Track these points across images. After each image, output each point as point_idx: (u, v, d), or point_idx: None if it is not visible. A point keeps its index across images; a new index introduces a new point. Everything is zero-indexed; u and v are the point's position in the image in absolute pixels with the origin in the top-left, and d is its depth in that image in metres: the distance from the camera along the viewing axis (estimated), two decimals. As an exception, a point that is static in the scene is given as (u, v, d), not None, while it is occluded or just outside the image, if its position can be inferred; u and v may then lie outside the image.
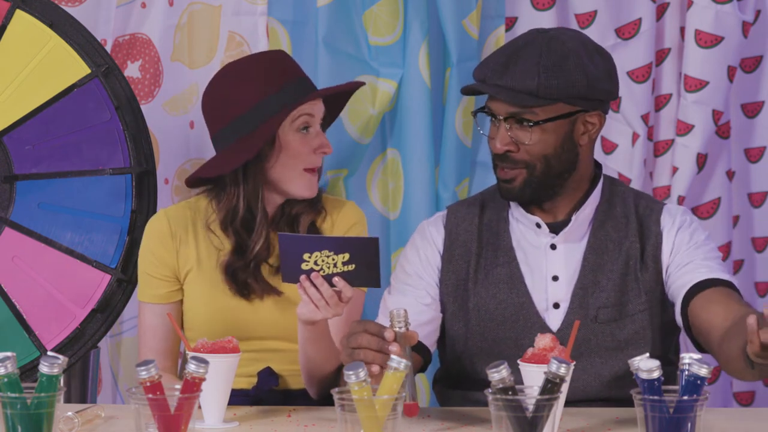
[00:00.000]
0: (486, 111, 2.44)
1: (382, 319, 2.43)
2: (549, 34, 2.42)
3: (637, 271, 2.45)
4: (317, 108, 2.64)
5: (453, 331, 2.50)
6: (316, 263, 2.27)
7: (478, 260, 2.49)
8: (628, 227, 2.47)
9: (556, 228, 2.47)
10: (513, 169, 2.41)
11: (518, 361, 2.15)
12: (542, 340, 2.15)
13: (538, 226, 2.46)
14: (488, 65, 2.41)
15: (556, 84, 2.37)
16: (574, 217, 2.45)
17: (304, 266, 2.27)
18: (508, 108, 2.38)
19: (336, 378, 2.54)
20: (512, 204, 2.50)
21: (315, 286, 2.28)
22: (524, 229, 2.48)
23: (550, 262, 2.46)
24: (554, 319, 2.44)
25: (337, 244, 2.27)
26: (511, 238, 2.49)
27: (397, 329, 2.12)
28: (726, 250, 3.37)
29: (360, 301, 2.66)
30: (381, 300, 2.54)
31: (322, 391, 2.56)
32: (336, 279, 2.27)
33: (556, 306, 2.44)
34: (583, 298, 2.43)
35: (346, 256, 2.26)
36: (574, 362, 2.01)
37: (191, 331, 2.64)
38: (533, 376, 2.10)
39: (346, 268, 2.27)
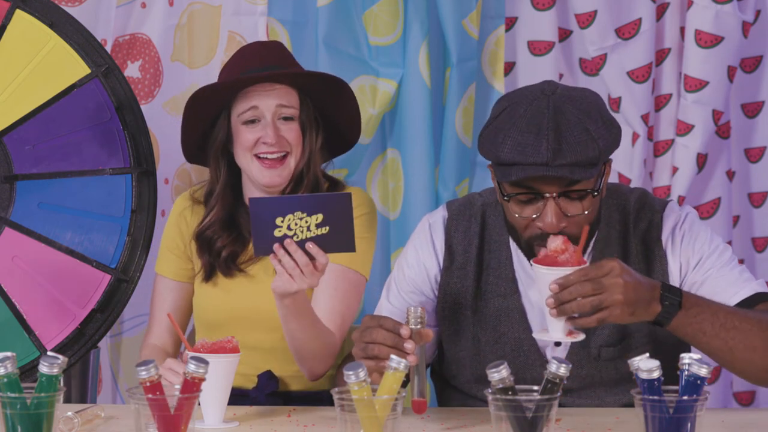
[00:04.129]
0: (524, 193, 2.23)
1: None
2: (560, 96, 2.24)
3: None
4: (265, 102, 2.61)
5: (450, 353, 2.43)
6: (289, 228, 2.23)
7: (477, 285, 2.40)
8: (629, 253, 2.36)
9: None
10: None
11: (531, 262, 2.17)
12: (554, 242, 2.15)
13: None
14: (538, 147, 2.18)
15: (609, 144, 2.23)
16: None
17: (276, 232, 2.23)
18: (562, 184, 2.21)
19: (327, 356, 2.52)
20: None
21: (289, 254, 2.25)
22: (526, 263, 2.36)
23: None
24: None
25: (310, 204, 2.22)
26: (514, 269, 2.38)
27: (413, 327, 2.11)
28: (726, 250, 3.37)
29: (356, 283, 2.63)
30: (377, 306, 2.51)
31: (316, 371, 2.55)
32: (309, 245, 2.24)
33: (558, 344, 2.35)
34: (584, 338, 2.29)
35: (320, 217, 2.22)
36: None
37: (196, 319, 2.70)
38: (544, 278, 2.11)
39: (319, 231, 2.23)
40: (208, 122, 2.70)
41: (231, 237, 2.66)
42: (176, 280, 2.74)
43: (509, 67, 3.39)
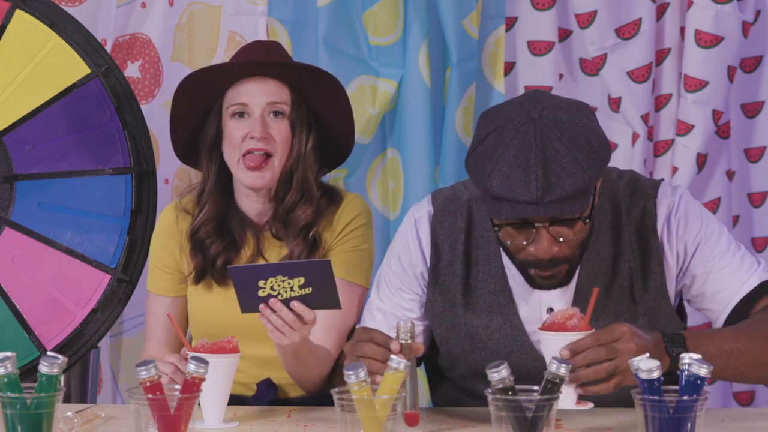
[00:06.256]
0: (514, 225, 2.20)
1: (368, 321, 2.41)
2: (546, 120, 2.18)
3: (635, 293, 2.33)
4: (256, 98, 2.57)
5: (443, 349, 2.43)
6: (272, 288, 2.24)
7: (467, 283, 2.38)
8: (621, 243, 2.34)
9: None
10: (556, 268, 2.24)
11: (537, 329, 2.15)
12: (562, 312, 2.13)
13: None
14: (527, 184, 2.14)
15: (599, 170, 2.19)
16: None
17: (260, 293, 2.24)
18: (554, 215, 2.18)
19: (329, 382, 2.52)
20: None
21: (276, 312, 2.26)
22: None
23: (544, 294, 2.33)
24: None
25: (290, 269, 2.23)
26: (504, 264, 2.37)
27: (403, 341, 2.12)
28: (726, 250, 3.37)
29: (357, 295, 2.61)
30: (368, 302, 2.50)
31: (312, 389, 2.55)
32: (294, 303, 2.24)
33: None
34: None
35: (301, 279, 2.23)
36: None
37: (194, 328, 2.65)
38: (552, 345, 2.09)
39: (303, 292, 2.24)
40: (198, 115, 2.64)
41: (224, 243, 2.60)
42: (170, 296, 2.66)
43: (509, 67, 3.39)
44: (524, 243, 2.21)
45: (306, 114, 2.61)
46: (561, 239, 2.20)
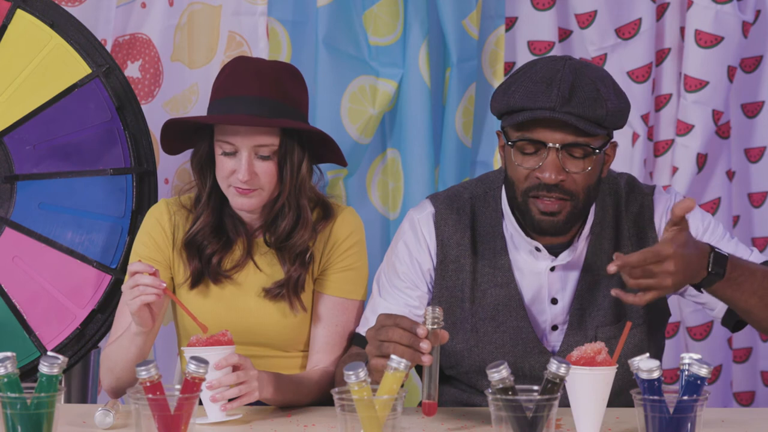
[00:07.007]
0: (527, 140, 2.28)
1: (371, 319, 2.41)
2: (577, 62, 2.32)
3: None
4: (243, 140, 2.48)
5: (447, 345, 2.43)
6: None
7: (474, 277, 2.41)
8: (621, 235, 2.41)
9: (554, 250, 2.39)
10: (560, 200, 2.29)
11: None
12: (591, 345, 2.11)
13: (538, 249, 2.38)
14: (548, 94, 2.25)
15: (617, 109, 2.28)
16: (576, 242, 2.38)
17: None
18: (567, 137, 2.26)
19: (324, 393, 2.50)
20: (506, 219, 2.41)
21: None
22: (522, 250, 2.40)
23: (550, 284, 2.39)
24: (553, 341, 2.40)
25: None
26: (510, 257, 2.41)
27: (430, 327, 2.07)
28: (726, 250, 3.37)
29: (355, 308, 2.59)
30: (369, 299, 2.51)
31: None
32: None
33: (554, 328, 2.40)
34: (581, 319, 2.39)
35: None
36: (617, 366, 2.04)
37: (186, 333, 2.63)
38: (581, 380, 2.07)
39: None
40: (187, 142, 2.61)
41: (220, 243, 2.57)
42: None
43: (509, 67, 3.39)
44: (533, 168, 2.28)
45: (298, 142, 2.53)
46: (567, 169, 2.27)
